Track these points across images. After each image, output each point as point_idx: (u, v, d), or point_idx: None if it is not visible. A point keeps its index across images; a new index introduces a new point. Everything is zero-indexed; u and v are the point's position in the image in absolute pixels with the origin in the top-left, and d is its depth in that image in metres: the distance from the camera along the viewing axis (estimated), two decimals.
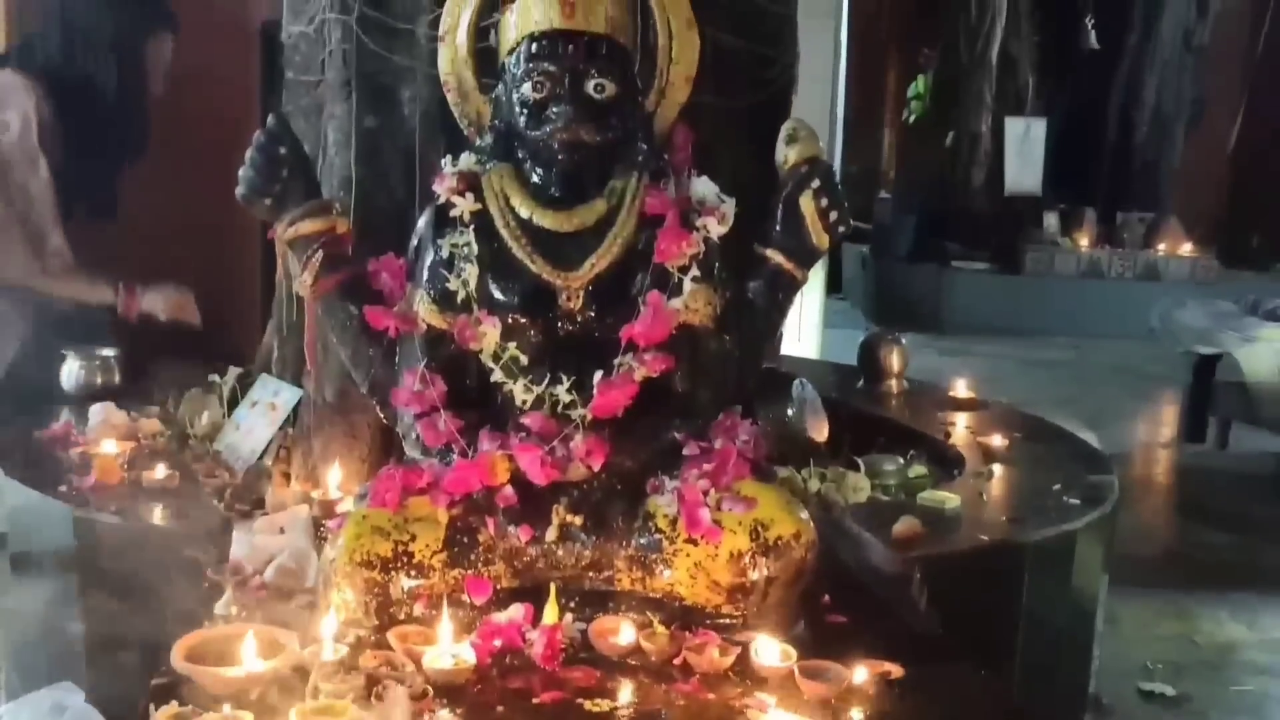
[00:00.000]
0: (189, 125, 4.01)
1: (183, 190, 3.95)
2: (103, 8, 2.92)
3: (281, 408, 2.36)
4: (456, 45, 1.88)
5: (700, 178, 1.84)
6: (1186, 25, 9.33)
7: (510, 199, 1.77)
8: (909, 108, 10.26)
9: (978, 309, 8.38)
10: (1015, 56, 9.02)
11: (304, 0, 2.44)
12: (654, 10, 1.88)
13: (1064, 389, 6.51)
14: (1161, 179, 9.55)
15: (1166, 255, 8.61)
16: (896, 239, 9.14)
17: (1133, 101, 9.37)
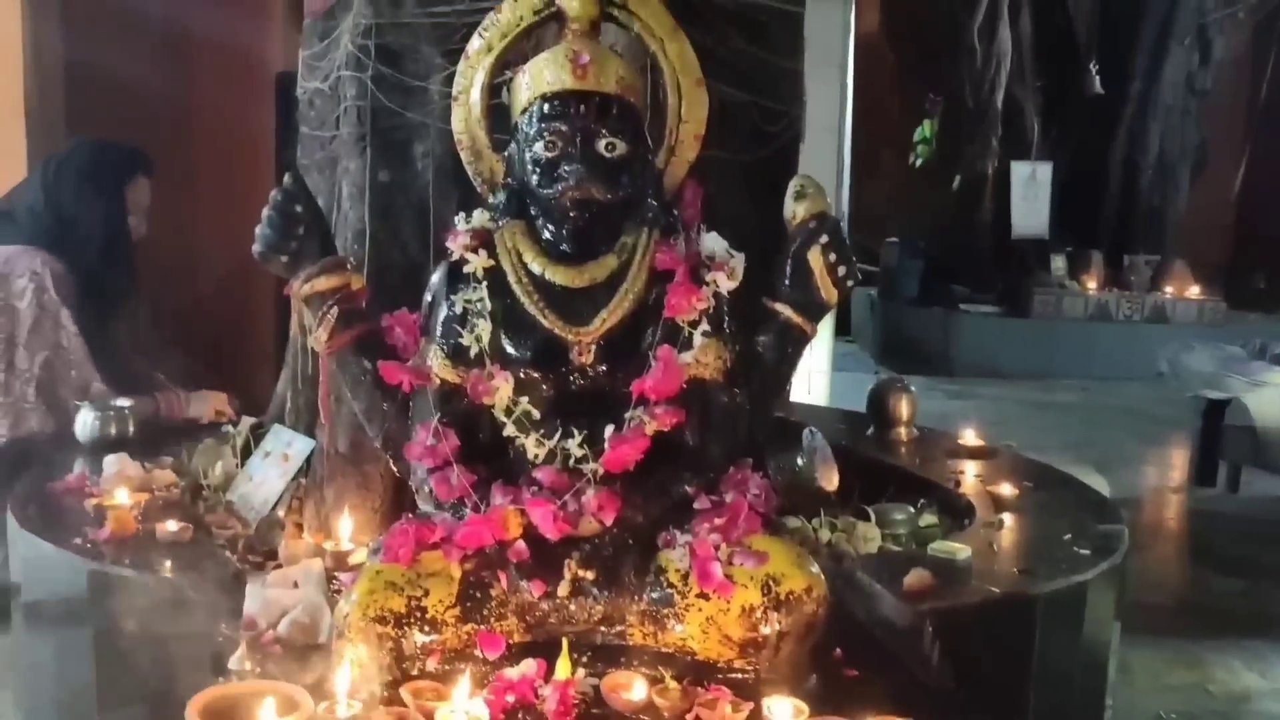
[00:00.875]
0: (206, 173, 4.09)
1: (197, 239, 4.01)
2: (84, 168, 3.04)
3: (294, 458, 2.38)
4: (470, 105, 1.91)
5: (710, 233, 1.87)
6: (1189, 71, 9.40)
7: (523, 255, 1.79)
8: (915, 152, 10.32)
9: (985, 352, 8.39)
10: (1020, 101, 9.08)
11: (319, 58, 2.49)
12: (664, 70, 1.91)
13: (1073, 432, 6.50)
14: (1167, 222, 9.58)
15: (1174, 298, 8.62)
16: (904, 282, 9.17)
17: (1137, 146, 9.43)
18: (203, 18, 3.96)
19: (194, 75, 4.05)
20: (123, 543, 2.07)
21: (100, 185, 3.07)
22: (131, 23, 3.72)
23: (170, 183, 3.83)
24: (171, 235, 3.83)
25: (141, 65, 3.78)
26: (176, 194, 3.93)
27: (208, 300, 3.88)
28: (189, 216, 4.04)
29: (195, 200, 4.06)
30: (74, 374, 2.90)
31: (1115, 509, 2.55)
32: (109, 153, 3.15)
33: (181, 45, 3.96)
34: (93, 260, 3.02)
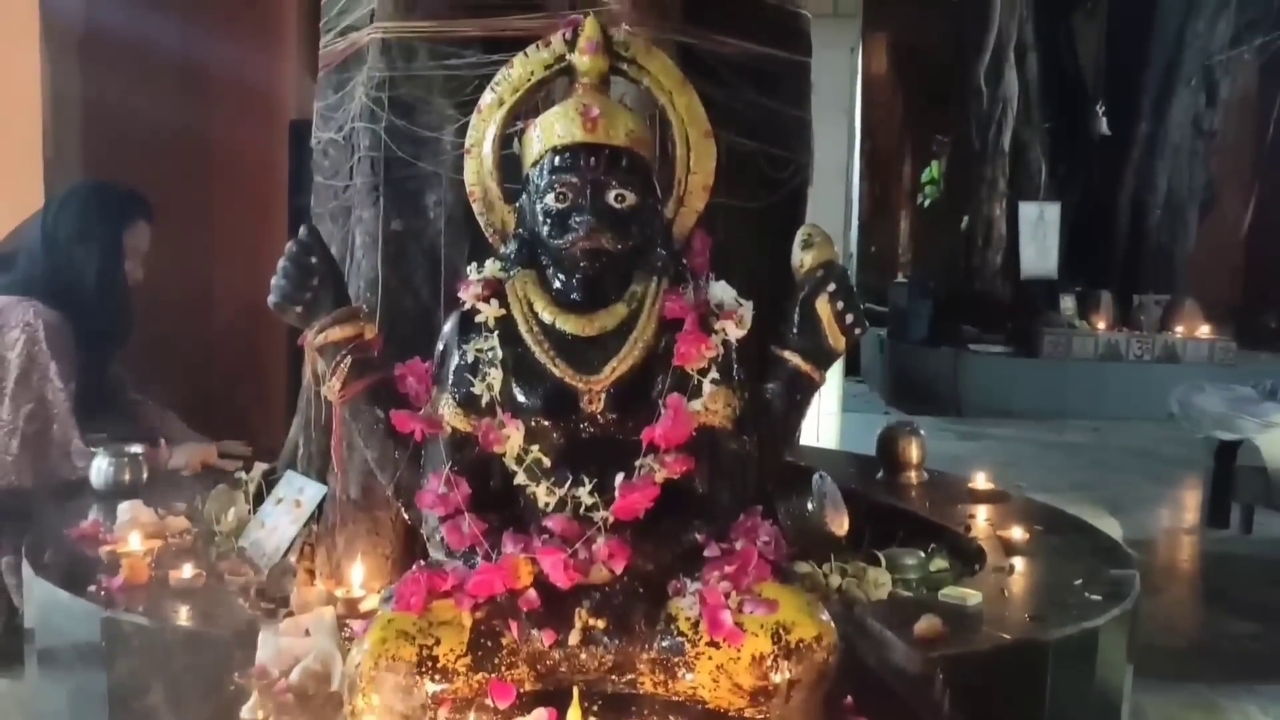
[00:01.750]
0: (220, 219, 4.14)
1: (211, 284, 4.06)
2: (81, 212, 3.03)
3: (306, 504, 2.39)
4: (482, 158, 1.94)
5: (718, 282, 1.89)
6: (1196, 111, 9.46)
7: (533, 304, 1.81)
8: (923, 193, 10.40)
9: (996, 392, 8.39)
10: (1027, 143, 9.14)
11: (333, 109, 2.53)
12: (673, 122, 1.94)
13: (1084, 473, 6.48)
14: (1176, 262, 9.60)
15: (1184, 337, 8.62)
16: (913, 323, 9.19)
17: (1145, 186, 9.47)
18: (219, 67, 4.03)
19: (210, 123, 4.11)
20: (136, 590, 2.09)
21: (98, 229, 3.04)
22: (149, 71, 3.77)
23: (185, 228, 3.89)
24: (185, 279, 3.88)
25: (159, 112, 3.83)
26: (191, 239, 3.98)
27: (221, 345, 3.91)
28: (203, 261, 4.08)
29: (210, 246, 4.11)
30: (56, 428, 2.89)
31: (1126, 554, 2.55)
32: (108, 196, 3.12)
33: (198, 93, 4.02)
34: (88, 306, 3.01)
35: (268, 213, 4.15)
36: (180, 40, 3.91)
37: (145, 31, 3.71)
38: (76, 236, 3.02)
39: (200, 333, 3.97)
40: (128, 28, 3.63)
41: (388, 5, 2.32)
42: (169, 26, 3.86)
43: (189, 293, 3.88)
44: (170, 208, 3.75)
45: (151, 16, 3.75)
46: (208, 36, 4.00)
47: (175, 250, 3.73)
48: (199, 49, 3.98)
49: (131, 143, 3.67)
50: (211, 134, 4.13)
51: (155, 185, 3.67)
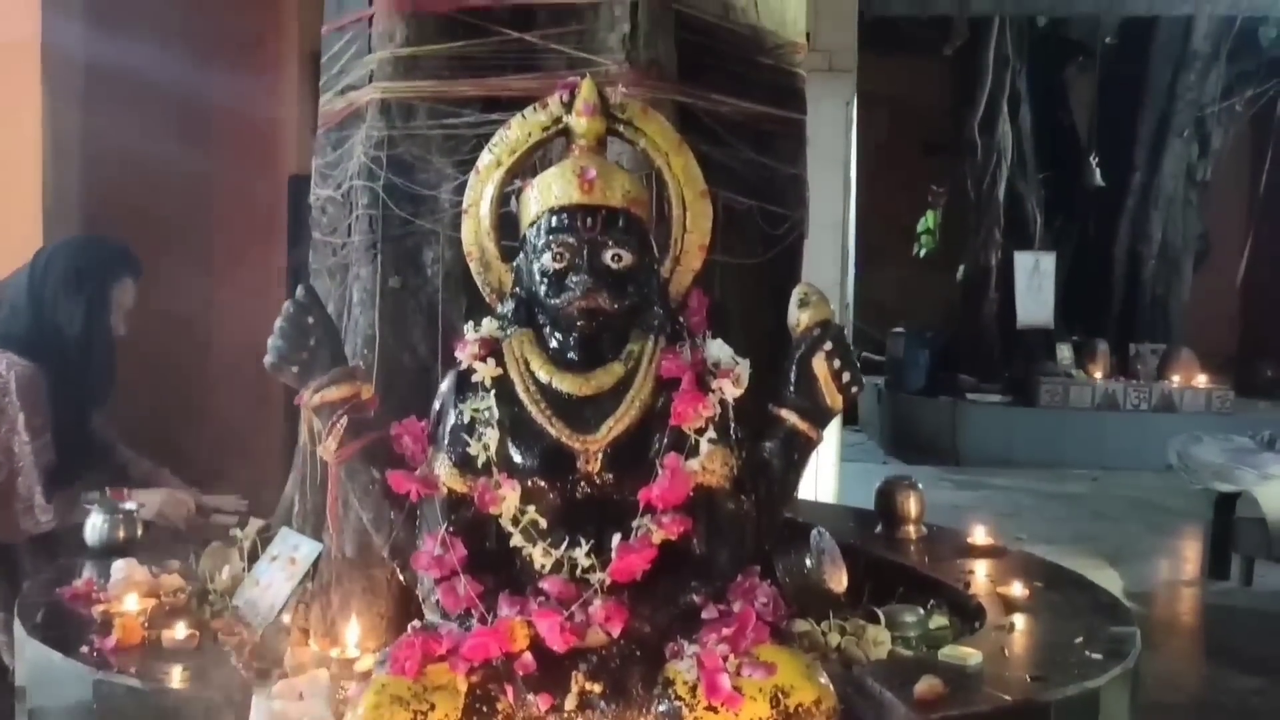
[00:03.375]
0: (219, 272, 4.15)
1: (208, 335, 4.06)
2: (69, 267, 3.01)
3: (301, 562, 2.37)
4: (479, 218, 1.95)
5: (715, 340, 1.89)
6: (1189, 162, 9.55)
7: (530, 363, 1.81)
8: (919, 242, 10.44)
9: (994, 441, 8.39)
10: (1022, 193, 9.22)
11: (332, 166, 2.55)
12: (669, 183, 1.96)
13: (1083, 524, 6.47)
14: (1172, 311, 9.65)
15: (1181, 386, 8.64)
16: (911, 372, 9.21)
17: (1140, 236, 9.54)
18: (221, 122, 4.07)
19: (211, 176, 4.14)
20: (129, 651, 2.06)
21: (85, 285, 3.01)
22: (150, 125, 3.81)
23: (184, 280, 3.91)
24: (183, 332, 3.89)
25: (160, 164, 3.86)
26: (190, 291, 3.99)
27: (217, 398, 3.91)
28: (202, 314, 4.09)
29: (209, 298, 4.12)
30: (20, 481, 2.85)
31: (1126, 610, 2.53)
32: (96, 252, 3.10)
33: (199, 146, 4.05)
34: (70, 361, 3.00)
35: (266, 266, 4.16)
36: (182, 95, 3.94)
37: (147, 85, 3.75)
38: (62, 291, 2.98)
39: (197, 385, 3.98)
40: (130, 81, 3.67)
41: (387, 66, 2.34)
42: (171, 82, 3.89)
43: (186, 345, 3.88)
44: (169, 259, 3.78)
45: (153, 74, 3.79)
46: (209, 92, 4.03)
47: (173, 302, 3.74)
48: (200, 103, 4.02)
49: (131, 193, 3.69)
50: (212, 186, 4.16)
51: (154, 235, 3.71)
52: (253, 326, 3.77)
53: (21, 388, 2.86)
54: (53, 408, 2.94)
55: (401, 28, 2.33)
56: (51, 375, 2.94)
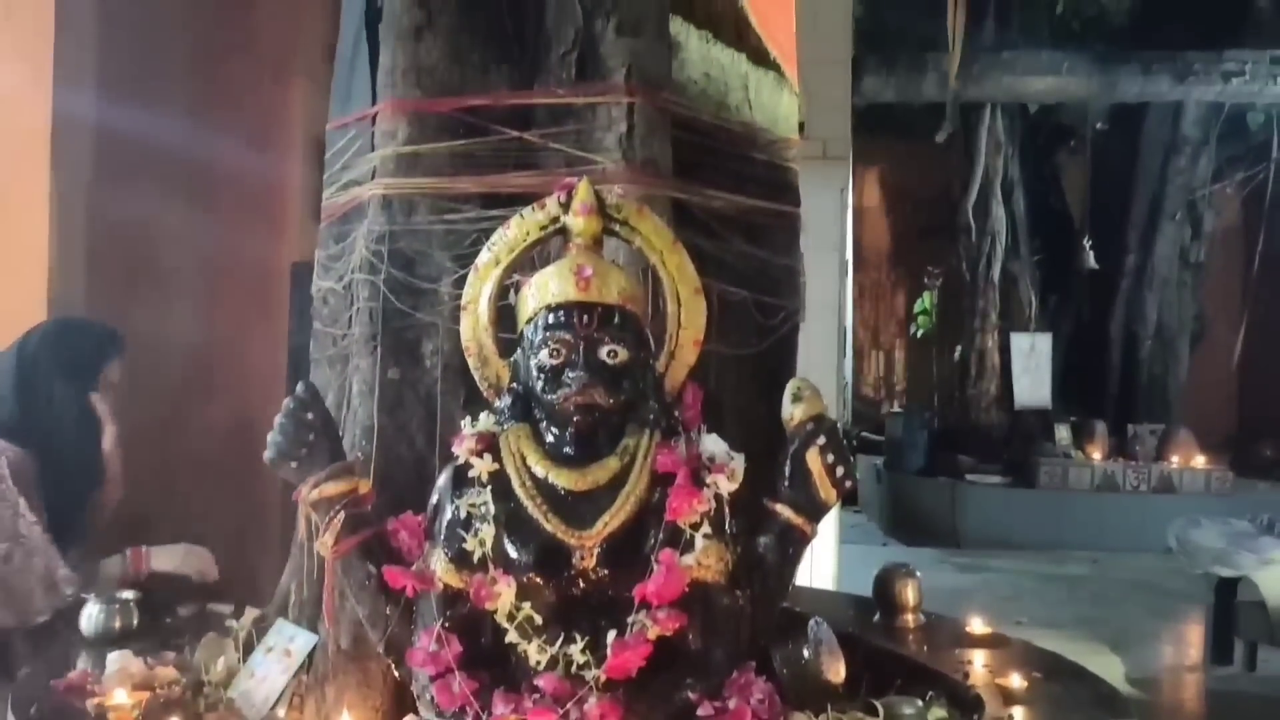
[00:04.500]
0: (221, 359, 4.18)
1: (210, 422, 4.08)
2: (57, 351, 3.02)
3: (297, 654, 2.36)
4: (478, 314, 1.99)
5: (710, 435, 1.91)
6: (1182, 244, 9.66)
7: (526, 458, 1.83)
8: (916, 323, 10.52)
9: (993, 523, 8.36)
10: (1017, 275, 9.31)
11: (334, 259, 2.59)
12: (664, 280, 1.99)
13: (1084, 608, 6.42)
14: (1170, 391, 9.69)
15: (1180, 467, 8.63)
16: (909, 453, 9.21)
17: (1135, 317, 9.61)
18: (224, 212, 4.13)
19: (214, 265, 4.19)
20: None
21: (74, 367, 3.03)
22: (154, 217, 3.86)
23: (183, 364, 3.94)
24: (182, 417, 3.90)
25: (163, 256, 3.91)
26: (191, 375, 4.02)
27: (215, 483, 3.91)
28: (201, 399, 4.11)
29: (210, 384, 4.14)
30: (37, 561, 2.86)
31: (1125, 703, 2.52)
32: (83, 333, 3.12)
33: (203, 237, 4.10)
34: (61, 445, 3.00)
35: (268, 351, 4.20)
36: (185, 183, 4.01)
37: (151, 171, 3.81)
38: (52, 375, 3.00)
39: (195, 469, 3.98)
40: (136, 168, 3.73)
41: (389, 162, 2.39)
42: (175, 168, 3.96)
43: (185, 431, 3.90)
44: (169, 343, 3.82)
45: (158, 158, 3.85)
46: (212, 181, 4.10)
47: (172, 388, 3.77)
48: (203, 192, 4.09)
49: (133, 282, 3.73)
50: (215, 275, 4.21)
51: (155, 318, 3.75)
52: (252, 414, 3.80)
53: (15, 473, 2.87)
54: (48, 490, 2.95)
55: (404, 126, 2.39)
56: (43, 459, 2.95)
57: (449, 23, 2.38)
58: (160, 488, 3.56)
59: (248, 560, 3.49)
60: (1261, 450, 9.94)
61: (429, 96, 2.38)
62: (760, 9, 2.70)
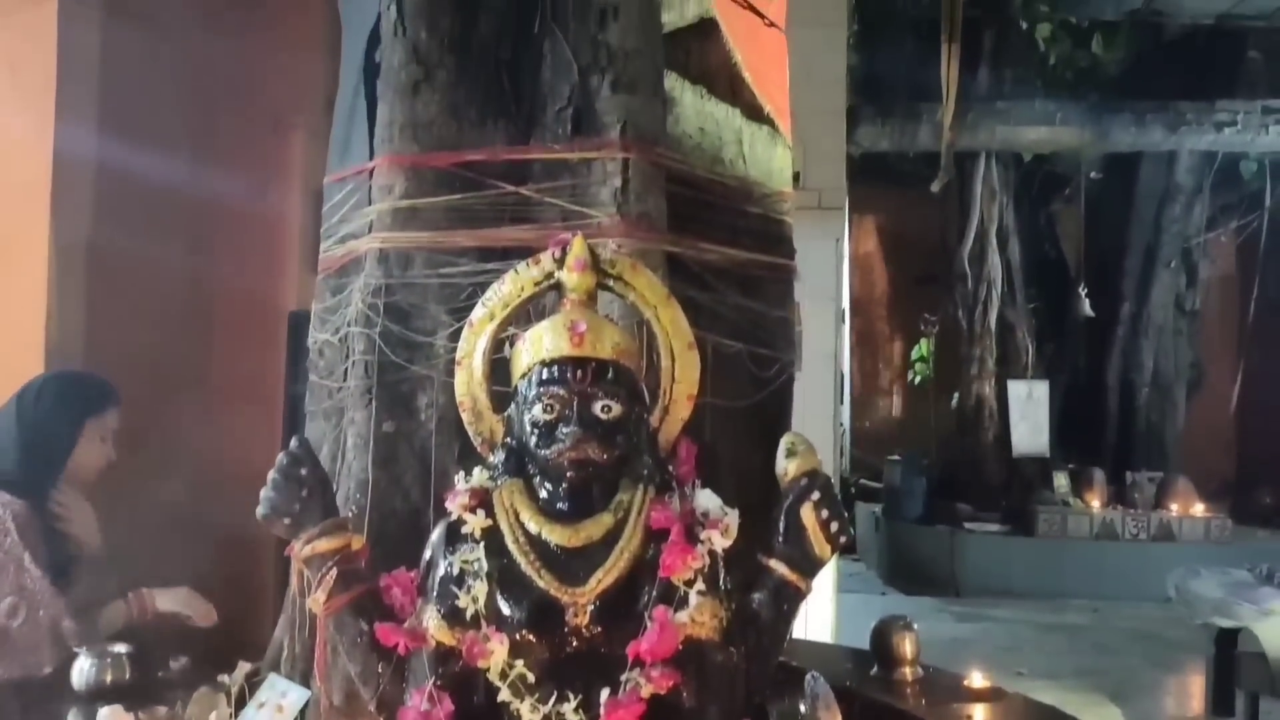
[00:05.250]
0: (219, 405, 4.18)
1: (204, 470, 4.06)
2: (55, 404, 3.00)
3: (289, 709, 2.34)
4: (472, 369, 1.99)
5: (704, 490, 1.91)
6: (1178, 292, 9.71)
7: (520, 514, 1.83)
8: (913, 370, 10.54)
9: (992, 572, 8.32)
10: (1013, 323, 9.33)
11: (331, 312, 2.60)
12: (658, 334, 2.00)
13: (1085, 658, 6.37)
14: (1168, 439, 9.69)
15: (1179, 515, 8.60)
16: (908, 501, 9.18)
17: (1132, 365, 9.64)
18: (223, 262, 4.14)
19: (211, 313, 4.20)
20: None
21: (73, 416, 3.03)
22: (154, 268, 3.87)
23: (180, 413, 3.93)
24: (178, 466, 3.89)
25: (161, 306, 3.92)
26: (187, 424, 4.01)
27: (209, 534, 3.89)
28: (198, 446, 4.10)
29: (207, 434, 4.13)
30: (43, 615, 2.84)
31: None
32: (80, 384, 3.11)
33: (202, 288, 4.12)
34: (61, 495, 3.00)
35: (265, 400, 4.19)
36: (184, 234, 4.03)
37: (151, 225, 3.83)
38: (51, 426, 3.01)
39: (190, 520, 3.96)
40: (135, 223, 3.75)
41: (386, 216, 2.41)
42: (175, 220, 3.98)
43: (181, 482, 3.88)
44: (166, 393, 3.81)
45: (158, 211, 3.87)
46: (212, 231, 4.12)
47: (169, 437, 3.76)
48: (203, 243, 4.10)
49: (132, 332, 3.73)
50: (212, 323, 4.21)
51: (153, 371, 3.74)
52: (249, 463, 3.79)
53: (20, 526, 2.86)
54: (52, 541, 2.95)
55: (401, 180, 2.41)
56: (40, 510, 2.95)
57: (446, 78, 2.41)
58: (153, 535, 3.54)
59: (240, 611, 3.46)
60: (1260, 497, 9.91)
61: (426, 151, 2.40)
62: (754, 64, 2.74)
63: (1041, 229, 10.04)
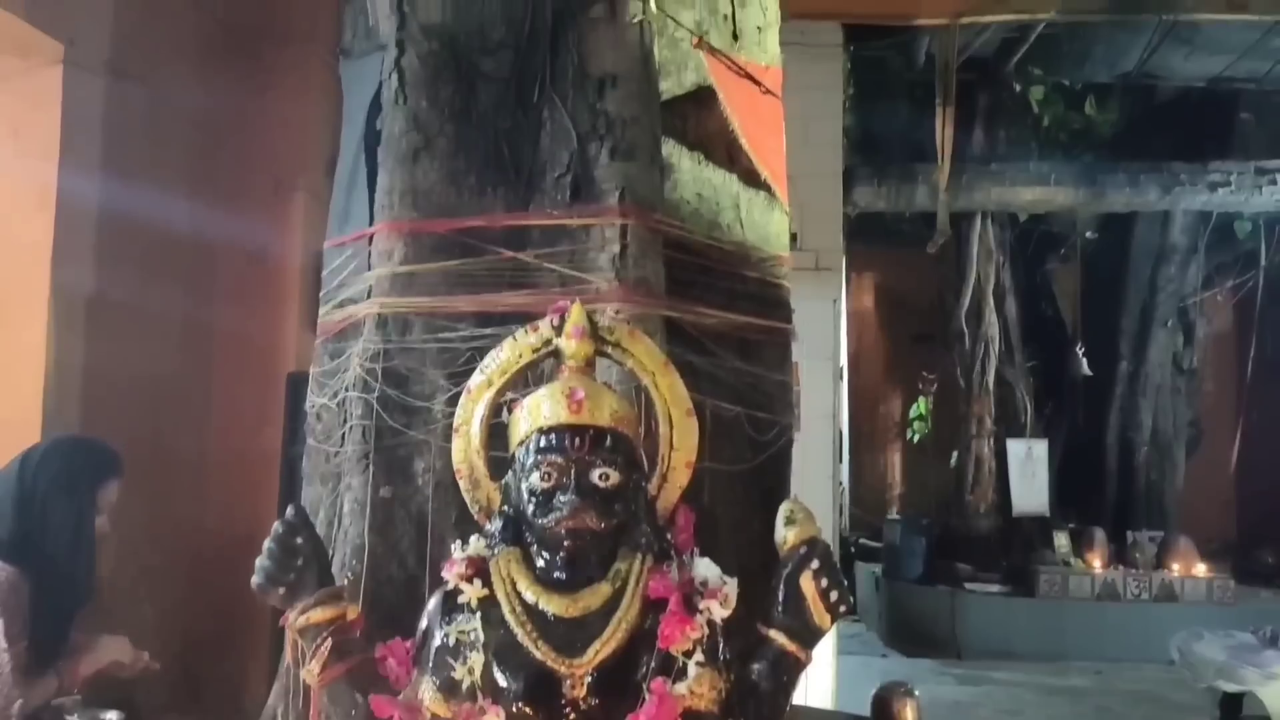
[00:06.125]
0: (215, 471, 4.17)
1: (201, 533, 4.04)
2: (59, 471, 2.95)
3: None
4: (470, 436, 1.98)
5: (702, 559, 1.89)
6: (1175, 351, 9.71)
7: (517, 583, 1.81)
8: (912, 428, 10.51)
9: (994, 633, 8.23)
10: (1011, 381, 9.32)
11: (329, 376, 2.60)
12: (656, 401, 2.00)
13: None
14: (1167, 498, 9.64)
15: (1181, 575, 8.53)
16: (908, 561, 9.10)
17: (1131, 424, 9.62)
18: (222, 322, 4.16)
19: (210, 374, 4.20)
20: None
21: (76, 487, 3.03)
22: (152, 323, 3.88)
23: (177, 477, 3.91)
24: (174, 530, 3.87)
25: (159, 363, 3.92)
26: (183, 489, 3.99)
27: (205, 597, 3.86)
28: (194, 511, 4.08)
29: (203, 496, 4.12)
30: None
31: None
32: (86, 453, 3.13)
33: (200, 345, 4.12)
34: (55, 564, 2.96)
35: (262, 462, 4.18)
36: (185, 295, 4.04)
37: (151, 287, 3.84)
38: (51, 495, 2.98)
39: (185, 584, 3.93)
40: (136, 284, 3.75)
41: (385, 282, 2.42)
42: (175, 282, 4.00)
43: (177, 544, 3.86)
44: (164, 456, 3.80)
45: (158, 273, 3.89)
46: (212, 293, 4.14)
47: (166, 502, 3.74)
48: (203, 305, 4.12)
49: (130, 392, 3.73)
50: (211, 385, 4.21)
51: (150, 432, 3.74)
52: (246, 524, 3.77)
53: (5, 593, 2.82)
54: (33, 612, 2.90)
55: (400, 246, 2.43)
56: (35, 579, 2.91)
57: (446, 146, 2.44)
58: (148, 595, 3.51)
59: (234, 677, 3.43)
60: (1263, 557, 9.84)
61: (426, 218, 2.42)
62: (751, 131, 2.76)
63: (1038, 288, 10.07)
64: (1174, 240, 9.65)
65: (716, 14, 2.76)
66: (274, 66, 4.29)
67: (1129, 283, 9.76)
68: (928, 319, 10.16)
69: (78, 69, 3.48)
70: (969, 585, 8.65)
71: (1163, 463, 9.65)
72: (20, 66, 3.44)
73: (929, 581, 8.90)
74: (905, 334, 10.85)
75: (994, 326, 9.15)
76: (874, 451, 11.34)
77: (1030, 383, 9.42)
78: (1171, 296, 9.65)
